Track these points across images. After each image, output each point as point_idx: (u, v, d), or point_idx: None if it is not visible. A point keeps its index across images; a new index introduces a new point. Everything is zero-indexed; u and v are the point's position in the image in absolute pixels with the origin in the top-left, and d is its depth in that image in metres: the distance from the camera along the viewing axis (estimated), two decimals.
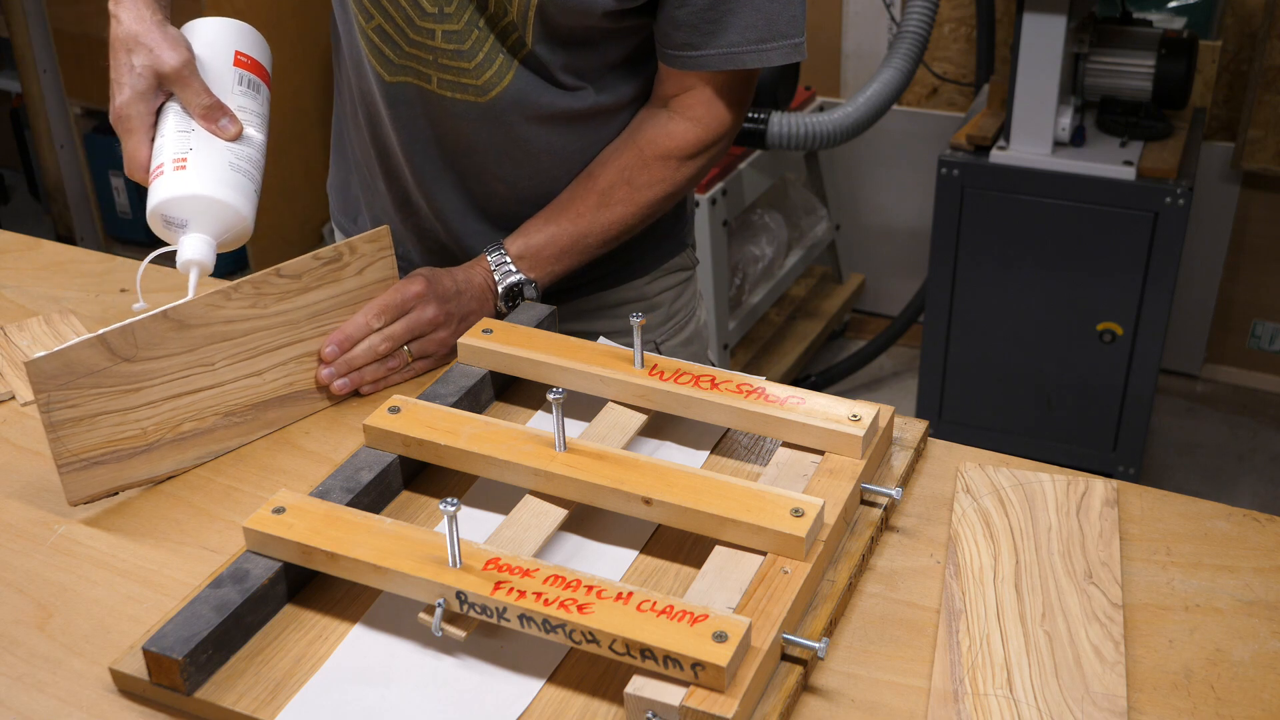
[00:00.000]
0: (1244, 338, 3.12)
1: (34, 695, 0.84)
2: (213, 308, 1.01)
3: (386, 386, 1.14)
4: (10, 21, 3.46)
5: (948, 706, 0.79)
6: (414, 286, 1.13)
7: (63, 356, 0.92)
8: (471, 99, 1.19)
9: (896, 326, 3.10)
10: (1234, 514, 0.96)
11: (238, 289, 1.02)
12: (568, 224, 1.22)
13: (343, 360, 1.11)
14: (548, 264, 1.22)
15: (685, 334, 1.44)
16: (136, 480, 1.01)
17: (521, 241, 1.22)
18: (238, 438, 1.07)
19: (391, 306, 1.12)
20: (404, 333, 1.13)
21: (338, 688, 0.82)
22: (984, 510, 0.96)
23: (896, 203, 3.34)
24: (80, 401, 0.94)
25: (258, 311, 1.04)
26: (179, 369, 1.00)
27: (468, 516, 0.96)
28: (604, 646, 0.78)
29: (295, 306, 1.07)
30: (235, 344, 1.04)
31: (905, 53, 2.69)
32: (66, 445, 0.95)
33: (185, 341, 1.00)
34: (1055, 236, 2.49)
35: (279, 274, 1.05)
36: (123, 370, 0.96)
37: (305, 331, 1.08)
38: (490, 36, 1.16)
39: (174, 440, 1.02)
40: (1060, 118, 2.44)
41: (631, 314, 1.04)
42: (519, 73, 1.18)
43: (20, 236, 1.47)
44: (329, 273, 1.08)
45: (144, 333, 0.97)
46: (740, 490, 0.90)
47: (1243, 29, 2.85)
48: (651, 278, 1.39)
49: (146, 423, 0.99)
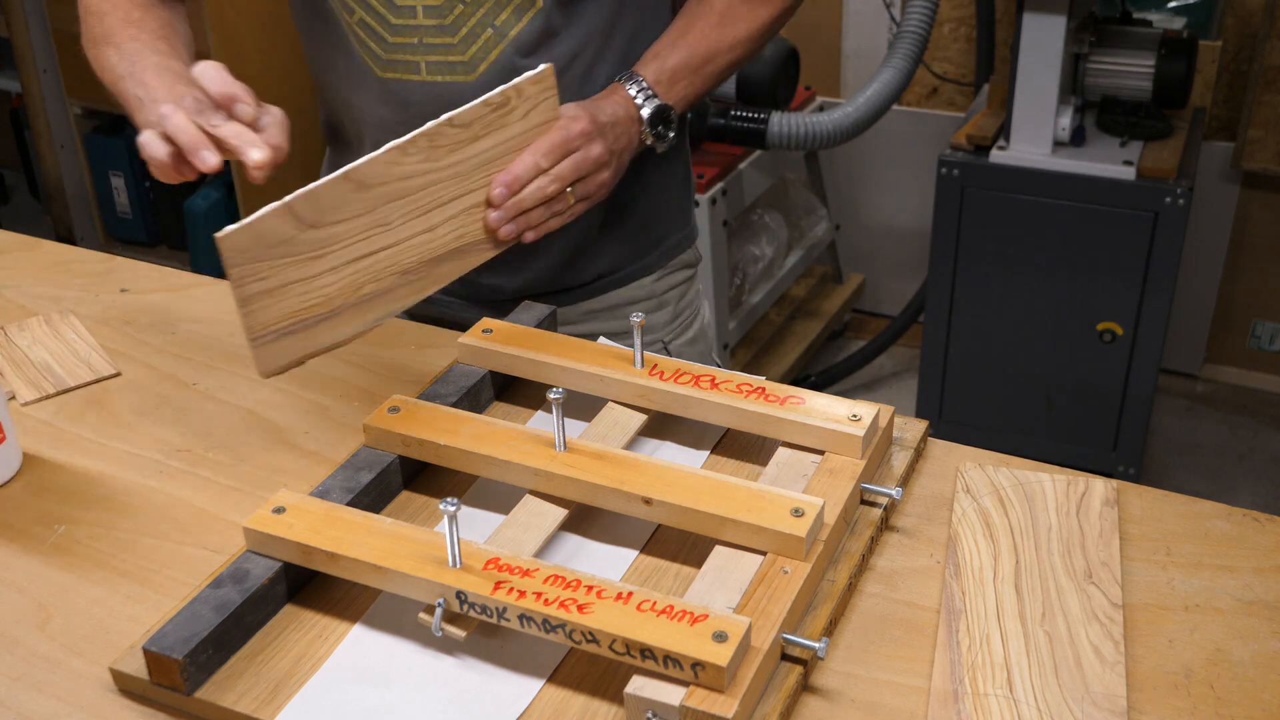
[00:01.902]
0: (1244, 338, 3.12)
1: (34, 695, 0.84)
2: (391, 165, 0.98)
3: (547, 230, 1.12)
4: (10, 21, 3.46)
5: (948, 706, 0.79)
6: (578, 124, 1.10)
7: (253, 228, 0.90)
8: (461, 78, 1.18)
9: (896, 326, 3.10)
10: (1234, 514, 0.96)
11: (413, 143, 0.99)
12: (696, 44, 1.21)
13: (511, 203, 1.07)
14: (681, 87, 1.21)
15: (691, 332, 1.44)
16: (321, 348, 0.99)
17: (656, 65, 1.20)
18: (413, 295, 1.04)
19: (558, 145, 1.08)
20: (571, 172, 1.10)
21: (338, 688, 0.82)
22: (984, 510, 0.96)
23: (896, 203, 3.34)
24: (270, 273, 0.92)
25: (431, 165, 1.01)
26: (359, 231, 0.98)
27: (468, 516, 0.96)
28: (604, 646, 0.78)
29: (465, 157, 1.03)
30: (410, 200, 1.01)
31: (905, 53, 2.69)
32: (258, 318, 0.92)
33: (365, 202, 0.97)
34: (1055, 236, 2.49)
35: (451, 124, 1.01)
36: (307, 237, 0.94)
37: (474, 181, 1.05)
38: (476, 11, 1.15)
39: (356, 304, 0.99)
40: (1060, 118, 2.44)
41: (632, 314, 1.04)
42: (508, 45, 1.17)
43: (20, 236, 1.47)
44: (497, 119, 1.05)
45: (327, 196, 0.94)
46: (740, 490, 0.90)
47: (1243, 29, 2.85)
48: (659, 275, 1.38)
49: (330, 289, 0.97)
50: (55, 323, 1.28)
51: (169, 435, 1.10)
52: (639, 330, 1.04)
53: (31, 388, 1.17)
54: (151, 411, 1.14)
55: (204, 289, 1.35)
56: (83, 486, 1.04)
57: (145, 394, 1.16)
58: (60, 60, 3.48)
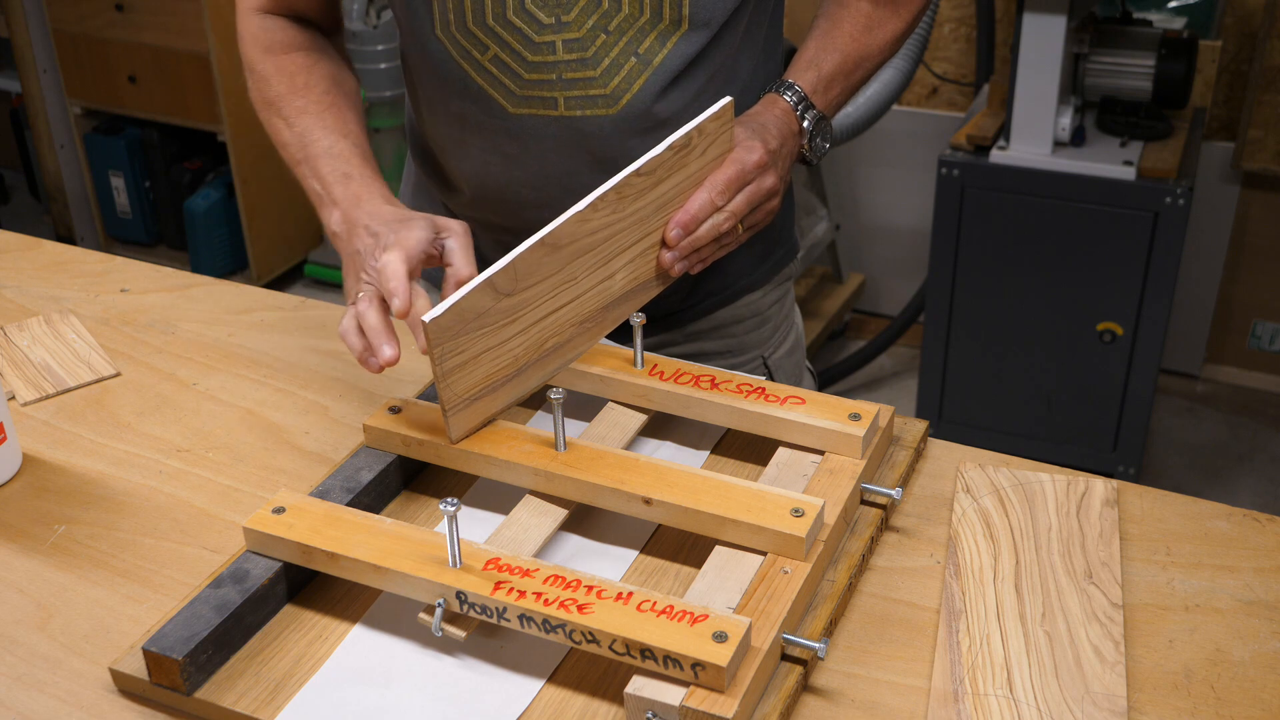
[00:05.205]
0: (1244, 338, 3.12)
1: (34, 695, 0.84)
2: (582, 223, 0.97)
3: (712, 260, 1.09)
4: (10, 21, 3.46)
5: (948, 706, 0.79)
6: (753, 156, 1.07)
7: (456, 309, 0.90)
8: (601, 112, 1.12)
9: (896, 326, 3.10)
10: (1234, 514, 0.96)
11: (603, 199, 0.98)
12: (848, 49, 1.17)
13: (686, 242, 1.04)
14: (834, 94, 1.17)
15: (787, 345, 1.38)
16: (505, 406, 0.99)
17: (813, 74, 1.15)
18: (587, 342, 1.04)
19: (734, 180, 1.05)
20: (745, 207, 1.07)
21: (338, 688, 0.82)
22: (984, 510, 0.96)
23: (896, 203, 3.34)
24: (466, 345, 0.92)
25: (617, 215, 1.00)
26: (549, 291, 0.97)
27: (468, 516, 0.96)
28: (604, 646, 0.78)
29: (647, 202, 1.02)
30: (595, 253, 1.00)
31: (905, 53, 2.69)
32: (453, 390, 0.93)
33: (557, 262, 0.97)
34: (1055, 236, 2.49)
35: (638, 174, 1.00)
36: (503, 306, 0.94)
37: (652, 224, 1.04)
38: (619, 40, 1.10)
39: (539, 359, 0.99)
40: (1060, 118, 2.44)
41: (633, 315, 1.04)
42: (652, 75, 1.12)
43: (20, 236, 1.47)
44: (678, 160, 1.02)
45: (524, 264, 0.94)
46: (740, 490, 0.90)
47: (1243, 29, 2.85)
48: (765, 291, 1.32)
49: (518, 349, 0.97)
50: (55, 323, 1.28)
51: (169, 435, 1.10)
52: (639, 331, 1.04)
53: (31, 388, 1.17)
54: (151, 411, 1.14)
55: (204, 289, 1.35)
56: (83, 486, 1.04)
57: (145, 394, 1.16)
58: (60, 60, 3.48)
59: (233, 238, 3.52)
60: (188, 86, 3.32)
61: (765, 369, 1.33)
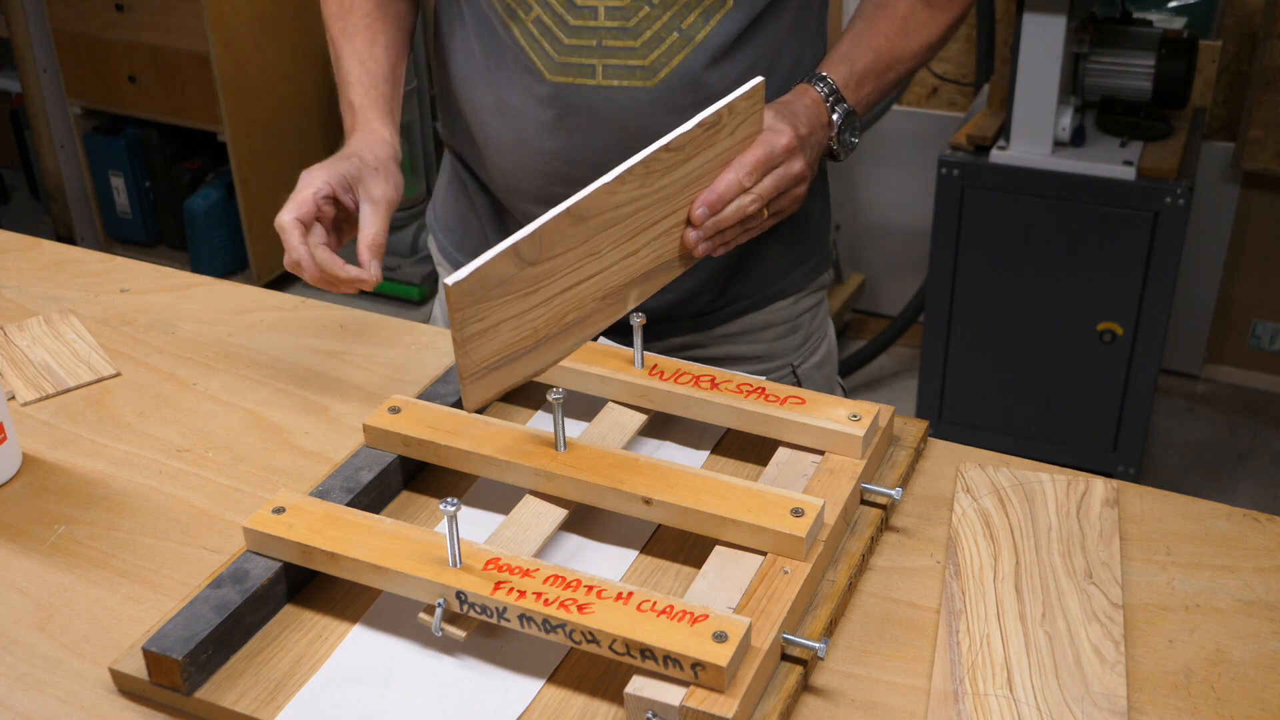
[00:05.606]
0: (1244, 338, 3.12)
1: (34, 695, 0.84)
2: (609, 195, 0.96)
3: (736, 245, 1.08)
4: (10, 21, 3.47)
5: (948, 706, 0.79)
6: (782, 139, 1.05)
7: (479, 274, 0.89)
8: (639, 83, 1.13)
9: (896, 326, 3.10)
10: (1234, 514, 0.96)
11: (630, 172, 0.97)
12: (881, 49, 1.17)
13: (711, 222, 1.03)
14: (866, 92, 1.16)
15: (819, 355, 1.37)
16: (522, 379, 0.98)
17: (845, 68, 1.15)
18: (607, 319, 1.02)
19: (762, 162, 1.04)
20: (772, 190, 1.06)
21: (338, 688, 0.82)
22: (984, 510, 0.96)
23: (896, 203, 3.34)
24: (488, 313, 0.91)
25: (644, 190, 0.99)
26: (572, 263, 0.96)
27: (468, 516, 0.96)
28: (604, 646, 0.78)
29: (675, 179, 1.01)
30: (621, 227, 0.99)
31: None
32: (472, 357, 0.92)
33: (582, 234, 0.96)
34: (1055, 236, 2.49)
35: (667, 149, 0.99)
36: (526, 275, 0.93)
37: (679, 202, 1.03)
38: (664, 14, 1.10)
39: (558, 333, 0.98)
40: (1060, 118, 2.44)
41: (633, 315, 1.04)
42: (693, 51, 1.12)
43: (20, 236, 1.47)
44: (707, 138, 1.01)
45: (549, 233, 0.93)
46: (740, 490, 0.90)
47: (1243, 29, 2.85)
48: (797, 298, 1.31)
49: (538, 321, 0.96)
50: (55, 323, 1.28)
51: (169, 435, 1.10)
52: (639, 331, 1.04)
53: (31, 388, 1.17)
54: (151, 411, 1.14)
55: (204, 289, 1.35)
56: (83, 486, 1.04)
57: (145, 394, 1.16)
58: (60, 60, 3.48)
59: (233, 238, 3.52)
60: (188, 86, 3.32)
61: (794, 378, 1.32)
